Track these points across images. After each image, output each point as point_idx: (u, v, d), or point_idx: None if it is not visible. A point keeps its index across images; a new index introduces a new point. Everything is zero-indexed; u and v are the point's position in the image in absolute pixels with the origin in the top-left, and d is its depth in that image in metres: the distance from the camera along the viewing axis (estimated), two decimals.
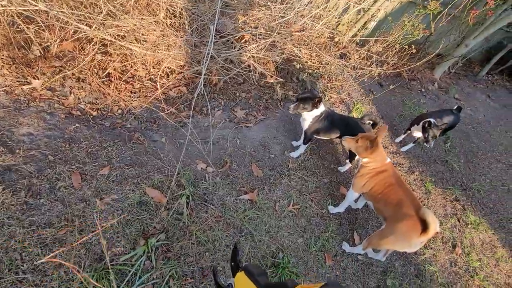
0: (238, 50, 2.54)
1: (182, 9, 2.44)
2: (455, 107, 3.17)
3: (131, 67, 2.63)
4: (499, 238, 2.75)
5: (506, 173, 3.69)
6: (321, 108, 2.37)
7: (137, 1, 2.39)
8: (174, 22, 2.58)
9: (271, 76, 2.95)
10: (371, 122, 2.49)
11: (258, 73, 3.02)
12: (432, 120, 2.89)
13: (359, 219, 2.43)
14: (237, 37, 2.71)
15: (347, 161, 2.69)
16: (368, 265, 2.13)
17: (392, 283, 2.07)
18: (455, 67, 5.76)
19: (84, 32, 2.23)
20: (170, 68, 2.72)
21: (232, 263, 0.87)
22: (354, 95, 3.97)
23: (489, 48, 7.19)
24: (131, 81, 2.61)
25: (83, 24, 2.20)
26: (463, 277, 2.34)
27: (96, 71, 2.46)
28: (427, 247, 2.42)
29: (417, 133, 3.05)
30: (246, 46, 2.60)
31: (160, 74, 2.77)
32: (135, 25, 2.30)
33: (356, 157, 2.40)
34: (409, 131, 3.19)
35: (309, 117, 2.40)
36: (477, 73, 6.39)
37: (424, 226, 1.62)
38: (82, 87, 2.38)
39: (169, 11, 2.48)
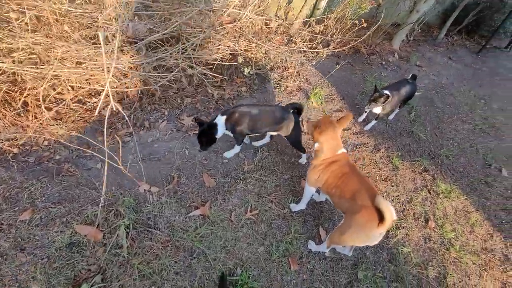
0: (165, 54, 2.31)
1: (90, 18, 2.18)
2: (410, 76, 3.07)
3: (54, 90, 2.37)
4: (472, 202, 2.69)
5: (473, 133, 3.65)
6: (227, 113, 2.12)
7: (37, 18, 2.11)
8: (88, 34, 2.32)
9: (214, 76, 2.75)
10: (295, 110, 2.26)
11: (201, 75, 2.81)
12: (387, 92, 2.78)
13: (325, 212, 2.29)
14: (164, 39, 2.48)
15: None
16: (337, 261, 2.00)
17: (364, 275, 1.95)
18: (412, 35, 5.71)
19: None
20: (100, 84, 2.47)
21: None
22: (313, 80, 3.82)
23: (445, 10, 7.22)
24: (55, 106, 2.35)
25: None
26: (439, 251, 2.25)
27: (8, 103, 2.18)
28: (399, 228, 2.32)
29: (376, 109, 2.93)
30: (176, 47, 2.38)
31: (90, 93, 2.52)
32: (38, 44, 2.03)
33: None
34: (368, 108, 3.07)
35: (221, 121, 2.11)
36: (436, 37, 6.39)
37: (381, 216, 1.48)
38: None
39: (78, 23, 2.22)
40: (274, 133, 2.39)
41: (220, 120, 2.08)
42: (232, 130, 2.16)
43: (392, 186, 2.62)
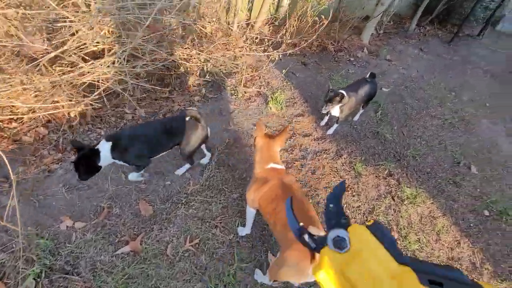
0: (82, 68, 2.05)
1: None
2: (368, 74, 2.89)
3: None
4: (439, 206, 2.53)
5: (442, 128, 3.52)
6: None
7: None
8: None
9: (153, 89, 2.50)
10: (192, 118, 1.95)
11: (138, 89, 2.56)
12: (341, 91, 2.60)
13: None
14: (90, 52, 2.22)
15: None
16: None
17: None
18: (382, 27, 5.57)
19: None
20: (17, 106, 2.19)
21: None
22: (274, 83, 3.61)
23: (415, 0, 7.12)
24: None
25: None
26: None
27: None
28: None
29: (334, 111, 2.75)
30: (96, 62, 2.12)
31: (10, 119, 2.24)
32: None
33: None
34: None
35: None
36: (408, 28, 6.27)
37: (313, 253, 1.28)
38: None
39: None
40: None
41: (104, 147, 1.70)
42: (123, 159, 1.80)
43: (353, 195, 2.44)
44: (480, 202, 2.65)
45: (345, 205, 2.34)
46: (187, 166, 2.28)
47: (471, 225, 2.45)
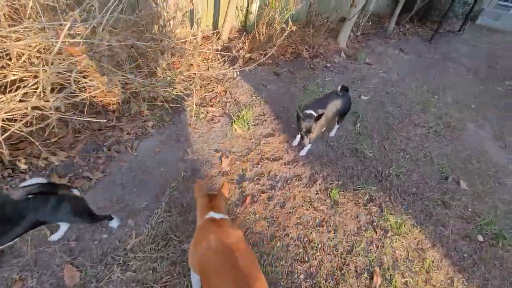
0: None
1: None
2: (340, 87, 2.58)
3: None
4: (428, 235, 2.22)
5: (427, 138, 3.24)
6: None
7: None
8: None
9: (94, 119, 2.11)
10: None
11: (71, 122, 2.18)
12: (307, 111, 2.28)
13: None
14: None
15: None
16: None
17: None
18: (360, 29, 5.31)
19: None
20: None
21: None
22: (242, 99, 3.27)
23: None
24: None
25: None
26: None
27: None
28: None
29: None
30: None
31: None
32: None
33: None
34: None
35: None
36: (387, 28, 6.04)
37: None
38: None
39: None
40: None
41: None
42: None
43: (329, 232, 2.10)
44: (473, 226, 2.35)
45: (320, 246, 2.00)
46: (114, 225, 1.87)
47: (465, 255, 2.14)
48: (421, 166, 2.84)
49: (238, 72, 3.20)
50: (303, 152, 2.66)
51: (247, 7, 4.45)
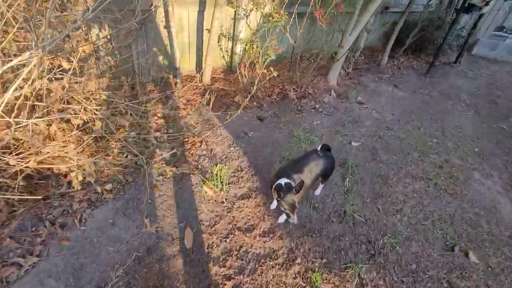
0: None
1: None
2: (320, 147, 2.27)
3: None
4: None
5: (426, 194, 2.86)
6: None
7: None
8: None
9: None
10: None
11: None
12: (282, 182, 1.94)
13: None
14: None
15: None
16: None
17: None
18: (351, 66, 5.14)
19: None
20: None
21: None
22: (219, 150, 2.97)
23: (385, 32, 6.87)
24: None
25: None
26: None
27: None
28: None
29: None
30: None
31: None
32: None
33: None
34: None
35: None
36: (380, 62, 5.89)
37: None
38: None
39: None
40: None
41: None
42: None
43: None
44: None
45: None
46: None
47: None
48: (421, 232, 2.44)
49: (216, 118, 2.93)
50: (281, 219, 2.30)
51: (232, 48, 4.33)
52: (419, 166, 3.22)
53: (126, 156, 2.53)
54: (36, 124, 1.67)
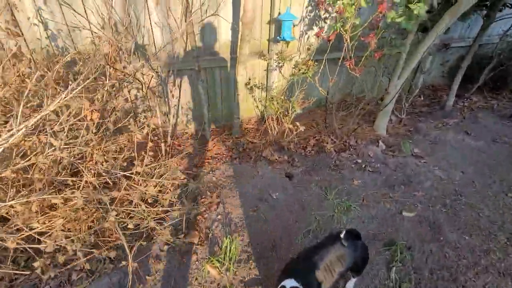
0: None
1: None
2: (343, 233, 1.71)
3: None
4: None
5: None
6: None
7: None
8: None
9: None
10: None
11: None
12: (288, 286, 1.46)
13: None
14: None
15: None
16: None
17: None
18: (404, 111, 4.42)
19: None
20: None
21: None
22: (236, 215, 2.65)
23: (449, 69, 5.96)
24: None
25: None
26: None
27: None
28: None
29: None
30: None
31: None
32: None
33: None
34: None
35: None
36: (445, 104, 4.98)
37: None
38: None
39: None
40: None
41: None
42: None
43: None
44: None
45: None
46: None
47: None
48: None
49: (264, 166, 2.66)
50: None
51: (266, 98, 4.20)
52: (509, 255, 2.27)
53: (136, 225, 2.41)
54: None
